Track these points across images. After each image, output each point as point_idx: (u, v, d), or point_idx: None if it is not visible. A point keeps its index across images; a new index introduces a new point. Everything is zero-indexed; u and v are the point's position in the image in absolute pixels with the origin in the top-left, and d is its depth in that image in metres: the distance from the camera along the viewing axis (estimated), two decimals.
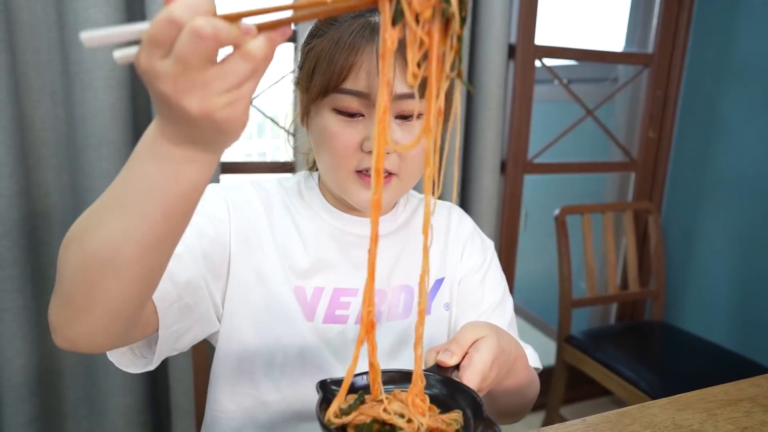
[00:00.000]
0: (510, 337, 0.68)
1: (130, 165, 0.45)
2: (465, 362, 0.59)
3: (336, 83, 0.66)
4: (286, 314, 0.75)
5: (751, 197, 1.86)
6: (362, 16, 0.67)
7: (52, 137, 1.33)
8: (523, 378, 0.72)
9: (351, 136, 0.68)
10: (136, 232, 0.45)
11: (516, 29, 1.75)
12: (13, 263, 1.29)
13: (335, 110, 0.68)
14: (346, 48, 0.65)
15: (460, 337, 0.61)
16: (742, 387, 0.84)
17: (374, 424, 0.48)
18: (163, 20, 0.37)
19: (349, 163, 0.69)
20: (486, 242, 0.89)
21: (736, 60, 1.88)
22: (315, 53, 0.68)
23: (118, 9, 1.28)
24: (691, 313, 2.09)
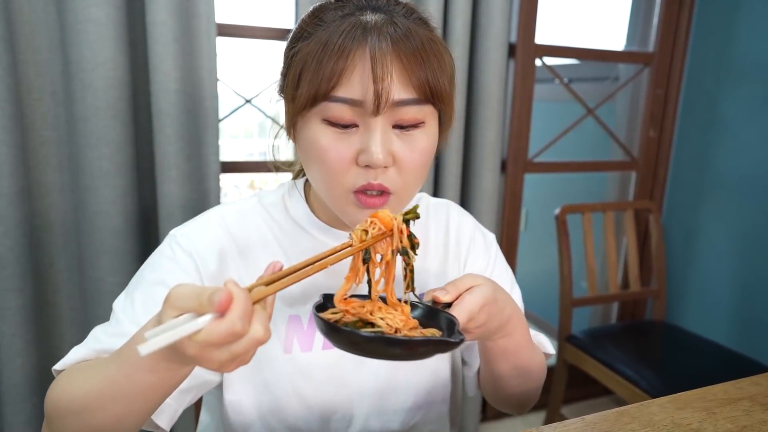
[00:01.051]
0: (509, 298, 0.69)
1: (127, 372, 0.53)
2: (457, 301, 0.63)
3: (326, 91, 0.59)
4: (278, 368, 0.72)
5: (752, 196, 1.85)
6: (352, 15, 0.62)
7: (53, 136, 1.34)
8: (520, 344, 0.72)
9: (345, 150, 0.61)
10: (138, 411, 0.56)
11: (516, 28, 1.75)
12: (13, 262, 1.29)
13: (326, 121, 0.62)
14: (336, 51, 0.59)
15: (458, 281, 0.64)
16: (741, 386, 0.83)
17: (358, 322, 0.57)
18: (225, 332, 0.42)
19: (344, 180, 0.63)
20: (488, 238, 0.87)
21: (737, 59, 1.88)
22: (301, 58, 0.62)
23: (118, 8, 1.28)
24: (692, 313, 2.09)
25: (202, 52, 1.37)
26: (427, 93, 0.61)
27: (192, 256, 0.70)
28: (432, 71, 0.61)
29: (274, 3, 1.69)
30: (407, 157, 0.63)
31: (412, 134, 0.63)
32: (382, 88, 0.58)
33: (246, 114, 4.36)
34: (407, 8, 0.65)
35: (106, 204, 1.34)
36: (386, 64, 0.58)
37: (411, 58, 0.59)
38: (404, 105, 0.61)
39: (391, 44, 0.59)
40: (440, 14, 1.55)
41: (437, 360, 0.80)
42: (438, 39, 0.64)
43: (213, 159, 1.43)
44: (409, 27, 0.61)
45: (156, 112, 1.35)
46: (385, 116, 0.61)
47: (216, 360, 0.44)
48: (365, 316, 0.57)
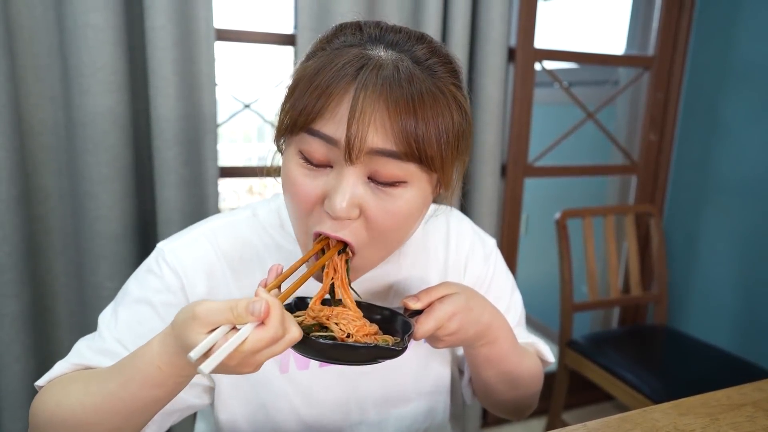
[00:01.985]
0: (486, 304, 0.69)
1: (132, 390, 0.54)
2: (427, 309, 0.63)
3: (305, 122, 0.55)
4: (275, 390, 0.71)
5: (754, 200, 1.85)
6: (361, 47, 0.57)
7: (52, 141, 1.33)
8: (504, 351, 0.72)
9: (311, 189, 0.57)
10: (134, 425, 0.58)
11: (516, 32, 1.75)
12: (11, 268, 1.28)
13: (300, 153, 0.57)
14: (324, 83, 0.54)
15: (432, 288, 0.65)
16: (745, 391, 0.83)
17: (314, 326, 0.59)
18: (270, 338, 0.47)
19: (306, 220, 0.59)
20: (488, 246, 0.85)
21: (738, 62, 1.88)
22: (296, 77, 0.58)
23: (117, 13, 1.28)
24: (694, 317, 2.08)
25: (201, 57, 1.36)
26: (412, 149, 0.54)
27: (178, 274, 0.67)
28: (424, 126, 0.53)
29: (273, 8, 1.69)
30: (378, 216, 0.57)
31: (388, 192, 0.56)
32: (356, 131, 0.52)
33: (245, 119, 4.38)
34: (429, 48, 0.59)
35: (105, 209, 1.33)
36: (367, 108, 0.52)
37: (399, 106, 0.53)
38: (381, 156, 0.54)
39: (380, 87, 0.53)
40: (440, 18, 1.55)
41: (437, 371, 0.79)
42: (455, 98, 0.58)
43: (212, 164, 1.42)
44: (413, 73, 0.55)
45: (155, 116, 1.34)
46: (360, 165, 0.55)
47: (256, 363, 0.48)
48: (322, 320, 0.59)
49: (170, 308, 0.67)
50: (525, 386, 0.78)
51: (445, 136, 0.56)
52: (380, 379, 0.75)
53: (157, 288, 0.67)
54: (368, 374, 0.75)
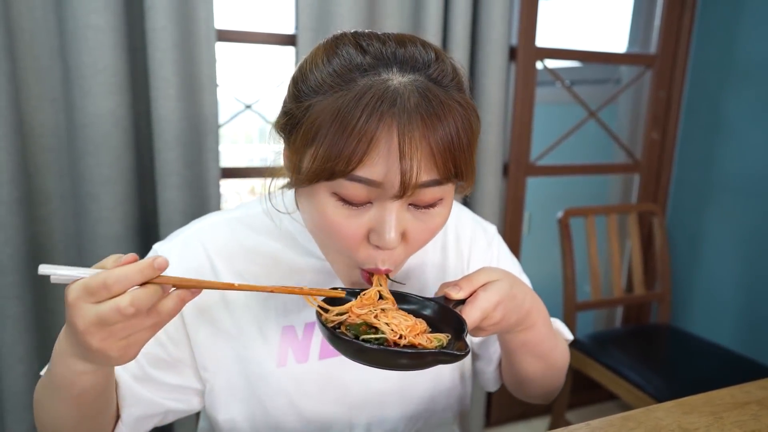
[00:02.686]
0: (527, 289, 0.67)
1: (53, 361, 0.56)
2: (470, 299, 0.60)
3: (344, 170, 0.53)
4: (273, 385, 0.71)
5: (757, 198, 1.84)
6: (375, 73, 0.54)
7: (53, 143, 1.34)
8: (542, 334, 0.71)
9: (356, 229, 0.57)
10: (65, 412, 0.59)
11: (517, 31, 1.75)
12: (14, 270, 1.29)
13: (336, 195, 0.56)
14: (358, 129, 0.52)
15: (473, 276, 0.63)
16: (749, 390, 0.82)
17: (362, 325, 0.56)
18: (99, 283, 0.46)
19: (352, 255, 0.59)
20: (489, 233, 0.85)
21: (740, 60, 1.87)
22: (315, 120, 0.55)
23: (117, 15, 1.28)
24: (698, 316, 2.07)
25: (202, 58, 1.36)
26: (451, 173, 0.55)
27: None
28: (458, 147, 0.55)
29: (273, 8, 1.69)
30: (419, 235, 0.59)
31: (428, 213, 0.58)
32: (409, 173, 0.52)
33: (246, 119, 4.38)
34: (439, 61, 0.58)
35: (107, 211, 1.33)
36: (414, 149, 0.52)
37: (438, 136, 0.53)
38: (426, 187, 0.55)
39: (421, 124, 0.52)
40: (440, 18, 1.55)
41: (439, 368, 0.79)
42: (466, 102, 0.58)
43: (213, 165, 1.42)
44: (436, 95, 0.54)
45: (156, 118, 1.34)
46: (404, 198, 0.55)
47: (81, 315, 0.46)
48: (370, 320, 0.56)
49: None
50: (558, 368, 0.78)
51: (470, 147, 0.57)
52: (380, 375, 0.75)
53: None
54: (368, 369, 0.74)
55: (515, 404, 2.05)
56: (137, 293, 0.46)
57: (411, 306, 0.62)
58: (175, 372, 0.70)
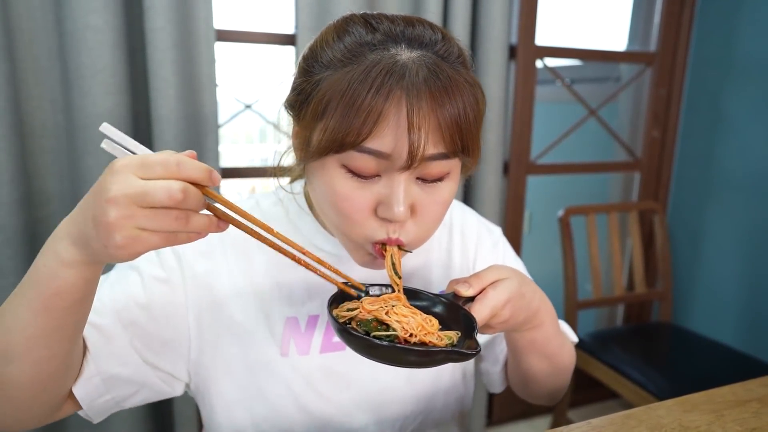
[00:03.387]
0: (535, 288, 0.67)
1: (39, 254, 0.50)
2: (479, 296, 0.60)
3: (354, 142, 0.54)
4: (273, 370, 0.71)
5: (758, 195, 1.83)
6: (384, 48, 0.56)
7: (52, 144, 1.34)
8: (550, 334, 0.71)
9: (365, 200, 0.58)
10: (22, 322, 0.50)
11: (516, 29, 1.75)
12: (13, 271, 1.29)
13: (346, 167, 0.57)
14: (369, 100, 0.53)
15: (483, 273, 0.62)
16: (750, 387, 0.82)
17: (373, 322, 0.55)
18: (159, 160, 0.43)
19: (361, 231, 0.59)
20: (494, 234, 0.86)
21: (740, 57, 1.86)
22: (326, 94, 0.56)
23: (116, 15, 1.28)
24: (699, 314, 2.07)
25: (202, 58, 1.36)
26: (458, 147, 0.57)
27: (177, 252, 0.68)
28: (465, 122, 0.56)
29: (273, 8, 1.69)
30: (427, 209, 0.60)
31: (435, 186, 0.60)
32: (417, 144, 0.54)
33: (246, 119, 4.38)
34: (446, 41, 0.60)
35: None
36: (422, 119, 0.54)
37: (446, 111, 0.55)
38: (434, 160, 0.56)
39: (429, 97, 0.54)
40: (440, 16, 1.55)
41: (440, 367, 0.79)
42: (472, 79, 0.59)
43: (213, 165, 1.42)
44: (444, 70, 0.56)
45: (155, 118, 1.34)
46: (411, 170, 0.57)
47: (122, 182, 0.42)
48: (381, 316, 0.56)
49: (156, 283, 0.66)
50: (564, 369, 0.78)
51: (476, 123, 0.58)
52: (379, 371, 0.75)
53: (152, 260, 0.68)
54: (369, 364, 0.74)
55: (517, 403, 2.05)
56: (190, 186, 0.44)
57: (422, 303, 0.62)
58: (158, 353, 0.68)
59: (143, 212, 0.43)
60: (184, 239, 0.47)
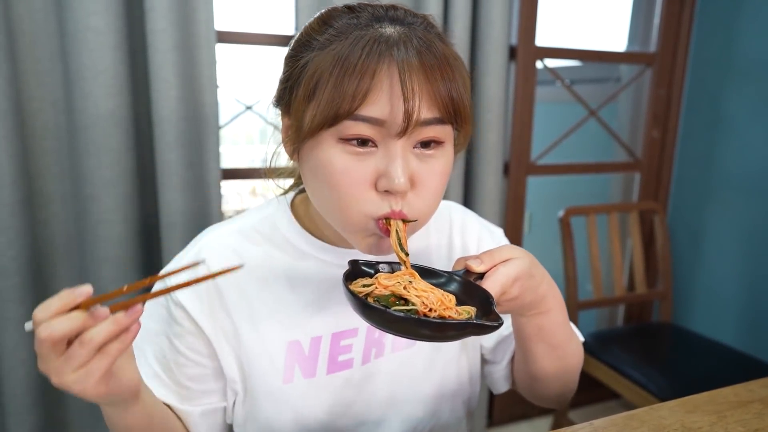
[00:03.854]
0: (545, 272, 0.67)
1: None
2: (490, 272, 0.60)
3: (349, 110, 0.54)
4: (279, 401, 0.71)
5: (759, 195, 1.84)
6: (369, 26, 0.58)
7: (54, 145, 1.34)
8: (558, 322, 0.70)
9: (363, 173, 0.57)
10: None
11: (516, 30, 1.75)
12: (15, 272, 1.29)
13: (342, 140, 0.57)
14: (360, 66, 0.54)
15: (495, 251, 0.62)
16: (752, 388, 0.82)
17: (391, 297, 0.55)
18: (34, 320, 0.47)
19: (362, 207, 0.58)
20: (496, 235, 0.85)
21: (740, 57, 1.87)
22: (315, 71, 0.57)
23: (118, 17, 1.28)
24: (700, 314, 2.07)
25: (202, 60, 1.36)
26: (450, 113, 0.57)
27: (183, 306, 0.68)
28: (456, 89, 0.57)
29: (273, 9, 1.69)
30: (427, 180, 0.59)
31: (431, 155, 0.59)
32: (412, 107, 0.54)
33: (247, 120, 4.37)
34: (426, 22, 0.62)
35: (108, 212, 1.34)
36: (414, 83, 0.54)
37: (438, 76, 0.56)
38: (428, 125, 0.57)
39: (417, 60, 0.55)
40: (440, 17, 1.55)
41: (443, 372, 0.79)
42: (457, 55, 0.61)
43: (214, 166, 1.42)
44: (432, 41, 0.57)
45: (156, 119, 1.34)
46: (407, 137, 0.57)
47: (37, 351, 0.48)
48: (399, 291, 0.55)
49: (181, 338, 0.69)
50: (572, 366, 0.77)
51: (466, 93, 0.59)
52: (386, 381, 0.75)
53: (167, 319, 0.70)
54: (374, 375, 0.74)
55: (518, 404, 2.05)
56: (51, 320, 0.47)
57: (437, 280, 0.61)
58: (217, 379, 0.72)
59: (54, 362, 0.48)
60: (117, 348, 0.49)
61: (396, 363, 0.76)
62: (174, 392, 0.70)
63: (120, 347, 0.49)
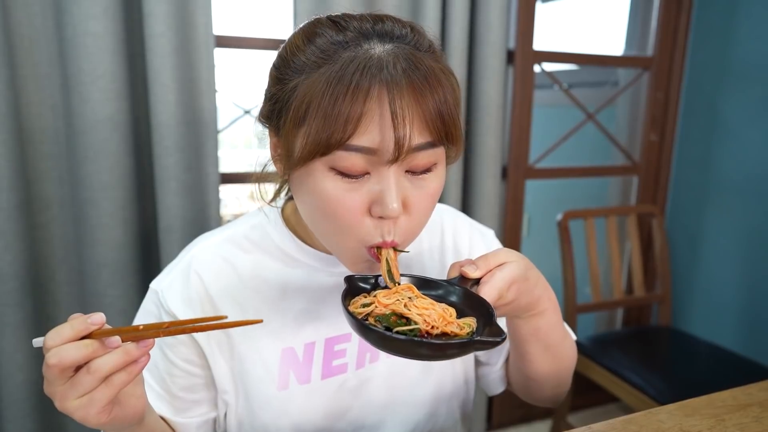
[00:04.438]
0: (539, 274, 0.67)
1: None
2: (486, 278, 0.60)
3: (340, 140, 0.53)
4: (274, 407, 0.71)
5: (756, 198, 1.84)
6: (357, 45, 0.56)
7: (52, 150, 1.34)
8: (553, 322, 0.71)
9: (357, 202, 0.57)
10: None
11: (514, 34, 1.75)
12: (13, 277, 1.28)
13: (334, 170, 0.56)
14: (350, 95, 0.53)
15: (489, 255, 0.62)
16: (750, 392, 0.82)
17: (392, 316, 0.54)
18: (45, 345, 0.48)
19: (357, 234, 0.58)
20: (487, 237, 0.85)
21: (737, 61, 1.87)
22: (305, 98, 0.55)
23: (116, 21, 1.28)
24: (698, 317, 2.07)
25: (201, 64, 1.37)
26: (442, 134, 0.56)
27: (176, 316, 0.68)
28: (449, 112, 0.56)
29: (271, 14, 1.69)
30: (419, 203, 0.59)
31: (423, 178, 0.59)
32: (403, 135, 0.53)
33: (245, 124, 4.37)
34: (415, 33, 0.60)
35: (106, 217, 1.33)
36: (405, 108, 0.53)
37: (428, 97, 0.55)
38: (420, 150, 0.56)
39: (409, 88, 0.54)
40: (438, 21, 1.55)
41: (439, 376, 0.79)
42: (447, 68, 0.60)
43: (212, 170, 1.43)
44: (420, 60, 0.56)
45: (155, 124, 1.35)
46: (399, 163, 0.56)
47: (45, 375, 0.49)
48: (400, 309, 0.54)
49: (174, 348, 0.69)
50: (567, 365, 0.78)
51: (456, 109, 0.58)
52: (382, 385, 0.75)
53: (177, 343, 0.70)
54: (370, 380, 0.74)
55: (517, 407, 2.05)
56: (61, 347, 0.47)
57: (436, 292, 0.61)
58: (208, 389, 0.73)
59: (60, 388, 0.49)
60: (122, 379, 0.50)
61: (391, 367, 0.76)
62: (167, 403, 0.70)
63: (126, 379, 0.50)
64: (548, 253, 2.33)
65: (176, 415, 0.70)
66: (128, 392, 0.54)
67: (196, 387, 0.71)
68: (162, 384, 0.70)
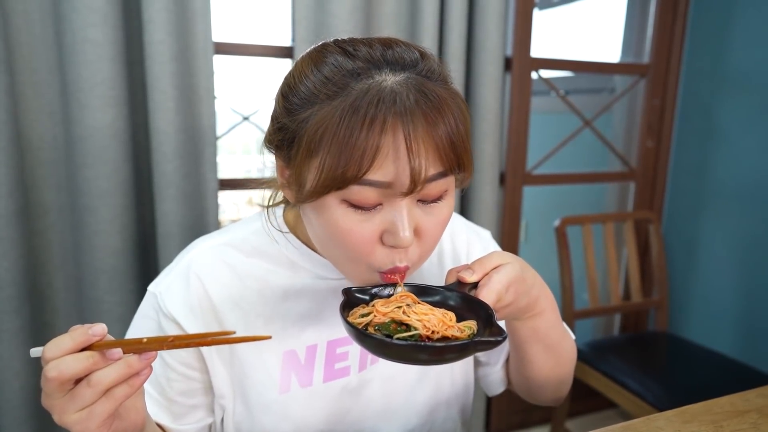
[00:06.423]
0: (536, 274, 0.68)
1: None
2: (483, 281, 0.60)
3: (356, 175, 0.53)
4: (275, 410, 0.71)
5: (752, 204, 1.85)
6: (368, 76, 0.55)
7: (51, 156, 1.34)
8: (551, 321, 0.71)
9: (369, 232, 0.57)
10: None
11: (512, 41, 1.76)
12: (11, 283, 1.28)
13: (347, 202, 0.56)
14: (367, 124, 0.52)
15: (485, 259, 0.62)
16: (748, 398, 0.82)
17: (392, 324, 0.54)
18: (44, 357, 0.47)
19: (369, 260, 0.59)
20: (484, 239, 0.86)
21: (732, 68, 1.89)
22: (317, 131, 0.54)
23: (115, 28, 1.29)
24: (696, 323, 2.07)
25: (200, 71, 1.37)
26: (454, 163, 0.57)
27: (176, 319, 0.68)
28: (460, 140, 0.56)
29: (270, 21, 1.70)
30: (430, 230, 0.60)
31: (435, 206, 0.59)
32: (418, 169, 0.53)
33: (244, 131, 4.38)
34: (424, 59, 0.59)
35: (105, 223, 1.33)
36: (419, 142, 0.53)
37: (442, 131, 0.54)
38: (433, 180, 0.56)
39: (423, 120, 0.53)
40: (436, 29, 1.56)
41: (436, 380, 0.79)
42: (456, 92, 0.60)
43: (211, 176, 1.43)
44: (431, 89, 0.55)
45: (154, 130, 1.35)
46: (414, 194, 0.56)
47: (42, 387, 0.48)
48: (399, 316, 0.55)
49: (172, 352, 0.69)
50: (567, 363, 0.78)
51: (466, 136, 0.58)
52: (381, 388, 0.75)
53: (156, 334, 0.69)
54: (370, 382, 0.75)
55: (515, 412, 2.05)
56: (61, 359, 0.46)
57: (433, 298, 0.61)
58: (206, 394, 0.72)
59: (59, 400, 0.48)
60: (124, 392, 0.49)
61: (391, 370, 0.76)
62: (165, 409, 0.69)
63: (127, 392, 0.49)
64: (546, 259, 2.33)
65: (174, 422, 0.70)
66: (129, 405, 0.53)
67: (194, 391, 0.71)
68: (159, 389, 0.69)
